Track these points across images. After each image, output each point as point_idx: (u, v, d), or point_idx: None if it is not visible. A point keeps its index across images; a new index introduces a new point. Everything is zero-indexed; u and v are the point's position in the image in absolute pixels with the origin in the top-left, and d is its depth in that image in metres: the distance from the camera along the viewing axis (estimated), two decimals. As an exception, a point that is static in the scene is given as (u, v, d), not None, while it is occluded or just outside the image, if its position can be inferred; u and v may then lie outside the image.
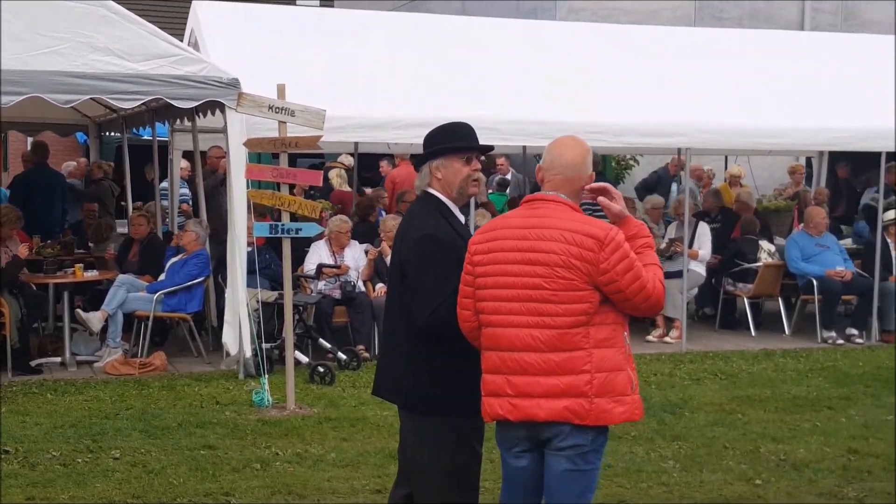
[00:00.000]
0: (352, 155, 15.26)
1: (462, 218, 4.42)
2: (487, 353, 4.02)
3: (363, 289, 10.73)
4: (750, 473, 6.84)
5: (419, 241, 4.22)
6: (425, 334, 4.19)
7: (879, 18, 18.46)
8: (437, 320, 4.13)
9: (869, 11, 18.64)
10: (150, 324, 9.95)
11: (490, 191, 14.92)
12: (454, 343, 4.15)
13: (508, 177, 16.43)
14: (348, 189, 14.84)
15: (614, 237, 3.88)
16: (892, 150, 11.73)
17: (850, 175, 16.38)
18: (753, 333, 11.93)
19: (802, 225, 12.48)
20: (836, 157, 15.93)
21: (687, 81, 12.02)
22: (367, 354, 10.09)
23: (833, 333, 11.63)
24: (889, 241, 12.09)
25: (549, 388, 3.86)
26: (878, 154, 11.88)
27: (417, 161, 4.47)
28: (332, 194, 14.32)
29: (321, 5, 16.12)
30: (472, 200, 8.94)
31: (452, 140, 4.38)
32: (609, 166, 16.68)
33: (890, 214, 12.21)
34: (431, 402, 4.24)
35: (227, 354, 9.61)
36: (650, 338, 11.52)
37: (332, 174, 14.75)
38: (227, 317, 9.50)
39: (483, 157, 4.60)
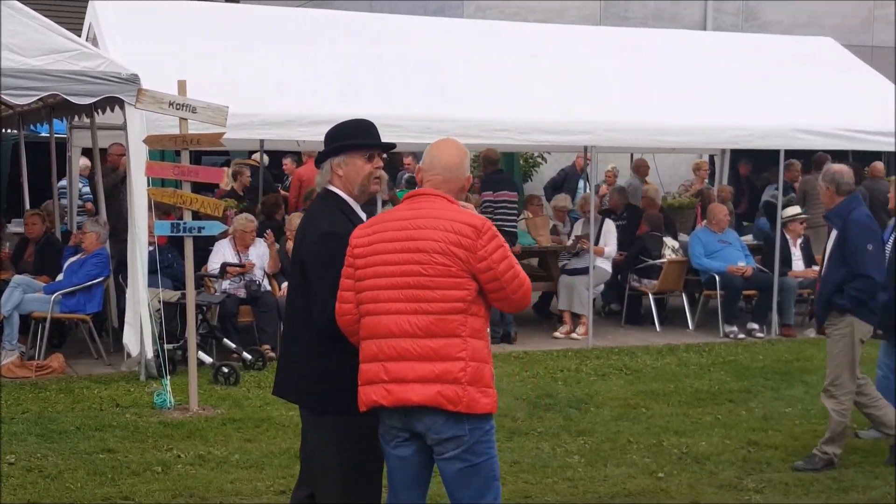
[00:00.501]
0: (253, 153, 15.06)
1: (364, 216, 4.37)
2: (366, 342, 4.04)
3: (269, 287, 10.61)
4: (653, 467, 6.92)
5: (319, 239, 4.20)
6: (325, 333, 4.16)
7: (780, 19, 18.87)
8: (336, 319, 4.10)
9: (769, 12, 19.04)
10: (47, 325, 9.69)
11: (399, 189, 14.88)
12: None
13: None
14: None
15: (490, 227, 4.00)
16: (791, 147, 11.99)
17: (751, 172, 16.72)
18: (658, 329, 12.10)
19: (705, 221, 12.68)
20: (737, 155, 16.24)
21: (593, 80, 12.14)
22: (272, 354, 9.95)
23: (734, 328, 11.85)
24: (788, 237, 12.36)
25: (424, 374, 3.90)
26: (778, 152, 12.13)
27: (318, 158, 4.42)
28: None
29: (227, 1, 15.87)
30: (378, 198, 8.89)
31: (354, 137, 4.35)
32: (516, 164, 16.76)
33: (789, 211, 12.48)
34: (330, 400, 4.20)
35: (129, 356, 9.39)
36: (557, 334, 11.60)
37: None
38: (127, 317, 9.31)
39: (385, 155, 4.57)
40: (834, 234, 7.03)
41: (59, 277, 10.05)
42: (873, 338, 7.18)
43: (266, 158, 15.17)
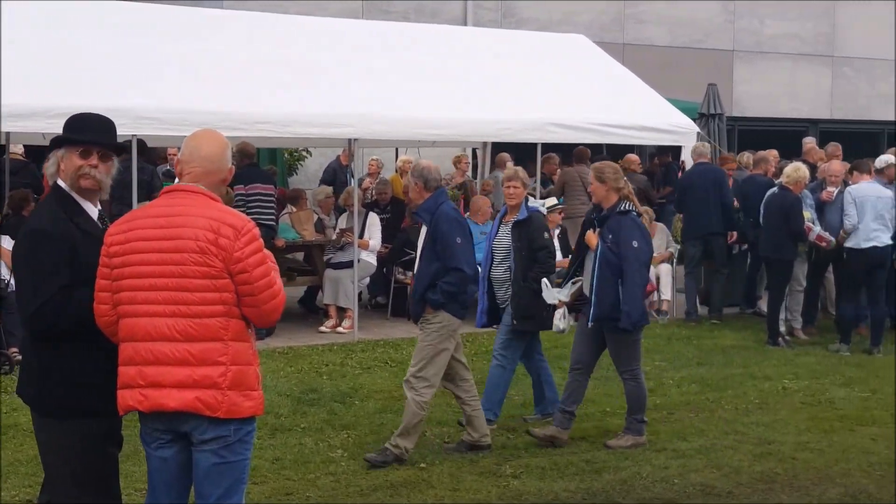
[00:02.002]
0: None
1: (95, 211, 4.16)
2: (123, 344, 3.89)
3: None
4: (416, 457, 6.95)
5: (23, 237, 4.06)
6: (34, 334, 3.96)
7: (536, 16, 19.43)
8: (41, 319, 3.90)
9: (526, 10, 19.58)
10: None
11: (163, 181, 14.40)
12: (77, 342, 3.93)
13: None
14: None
15: (251, 229, 3.89)
16: (547, 141, 12.35)
17: (514, 164, 17.14)
18: (422, 320, 12.19)
19: (468, 214, 12.88)
20: (499, 149, 16.62)
21: (355, 73, 12.11)
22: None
23: (498, 317, 12.07)
24: (548, 226, 12.69)
25: (182, 379, 3.78)
26: (535, 145, 12.48)
27: (47, 151, 4.20)
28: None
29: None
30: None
31: (74, 132, 4.15)
32: (280, 158, 16.56)
33: (547, 202, 12.82)
34: (54, 404, 4.01)
35: None
36: (323, 328, 11.53)
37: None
38: None
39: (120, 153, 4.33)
40: (424, 229, 7.03)
41: None
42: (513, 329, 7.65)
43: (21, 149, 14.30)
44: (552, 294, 7.48)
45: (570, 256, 12.50)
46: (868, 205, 10.69)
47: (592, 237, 7.29)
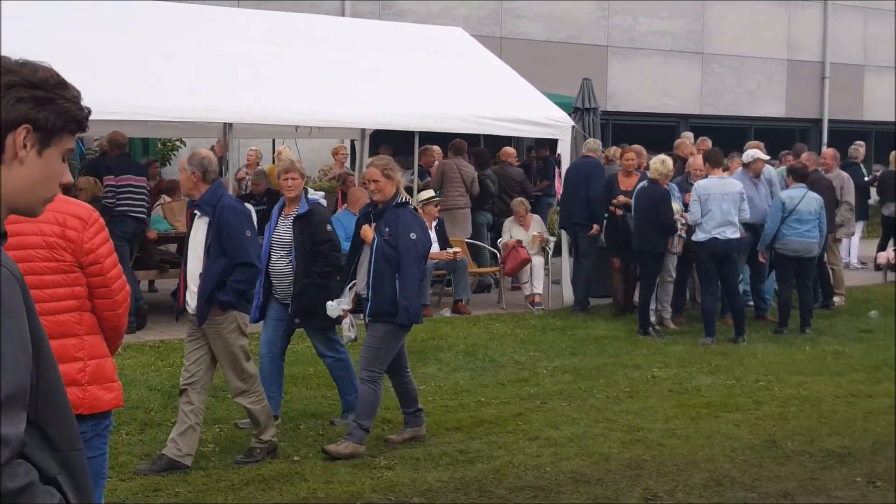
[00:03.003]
0: None
1: None
2: None
3: None
4: (289, 450, 6.91)
5: None
6: None
7: (415, 9, 19.46)
8: None
9: (404, 3, 19.59)
10: None
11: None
12: None
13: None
14: None
15: (97, 219, 3.81)
16: (424, 130, 12.39)
17: (392, 155, 17.11)
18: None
19: (346, 205, 12.83)
20: (378, 140, 16.59)
21: (230, 63, 11.93)
22: None
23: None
24: (424, 219, 12.73)
25: None
26: (413, 137, 12.52)
27: None
28: None
29: None
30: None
31: None
32: (153, 148, 16.24)
33: (423, 194, 12.90)
34: None
35: None
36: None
37: None
38: None
39: None
40: (202, 223, 6.46)
41: None
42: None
43: None
44: (334, 308, 7.07)
45: (448, 249, 12.71)
46: (713, 199, 10.93)
47: (368, 231, 6.97)
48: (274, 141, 17.10)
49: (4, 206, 2.08)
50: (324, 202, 8.14)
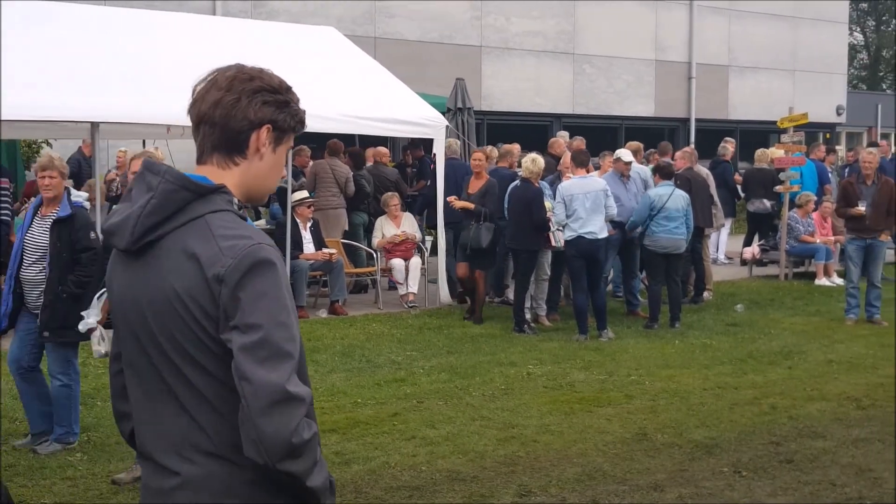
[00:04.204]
0: None
1: None
2: None
3: None
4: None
5: None
6: None
7: (288, 8, 19.29)
8: None
9: (277, 1, 19.41)
10: None
11: None
12: None
13: None
14: None
15: None
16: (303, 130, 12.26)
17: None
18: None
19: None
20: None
21: (96, 61, 11.62)
22: None
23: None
24: (298, 220, 12.66)
25: None
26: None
27: None
28: None
29: None
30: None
31: None
32: (18, 150, 15.72)
33: (297, 195, 12.80)
34: None
35: None
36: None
37: None
38: None
39: None
40: None
41: None
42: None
43: None
44: (85, 322, 6.51)
45: (324, 249, 12.64)
46: (577, 199, 11.07)
47: None
48: (144, 142, 16.72)
49: (242, 195, 2.44)
50: (87, 205, 7.70)
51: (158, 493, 2.36)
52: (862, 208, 11.96)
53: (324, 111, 12.34)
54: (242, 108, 2.39)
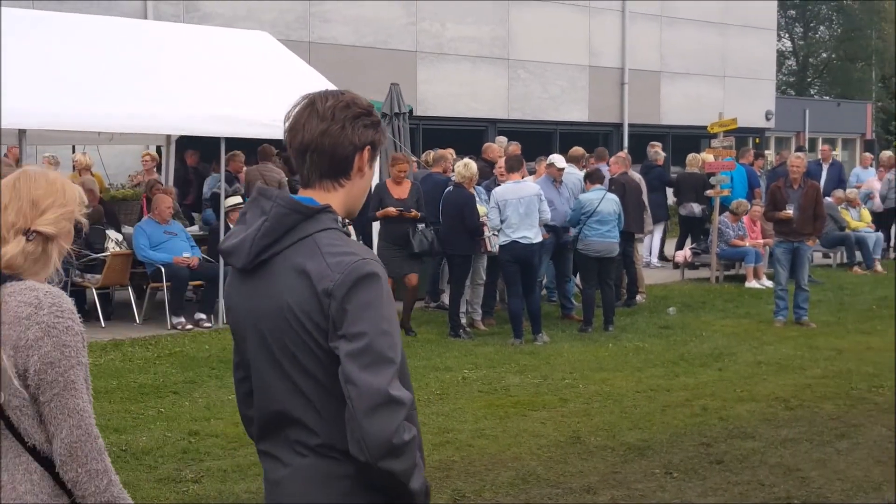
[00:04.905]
0: None
1: None
2: None
3: None
4: (90, 468, 6.66)
5: None
6: None
7: (221, 11, 19.14)
8: None
9: (209, 5, 19.26)
10: None
11: None
12: None
13: None
14: None
15: None
16: (229, 136, 12.18)
17: (198, 162, 16.81)
18: (104, 324, 11.73)
19: (150, 214, 12.51)
20: (185, 145, 16.26)
21: (24, 65, 11.42)
22: None
23: (182, 319, 11.83)
24: (231, 226, 12.55)
25: None
26: (219, 142, 12.28)
27: None
28: None
29: None
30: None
31: None
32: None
33: (230, 200, 12.69)
34: None
35: None
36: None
37: None
38: None
39: None
40: None
41: None
42: None
43: None
44: None
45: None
46: (511, 205, 11.10)
47: None
48: (74, 147, 16.50)
49: (345, 212, 2.68)
50: None
51: (274, 484, 2.68)
52: (790, 211, 12.18)
53: (257, 117, 12.25)
54: (348, 135, 2.60)
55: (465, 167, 11.47)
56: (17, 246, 2.67)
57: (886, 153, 20.88)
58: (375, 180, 13.19)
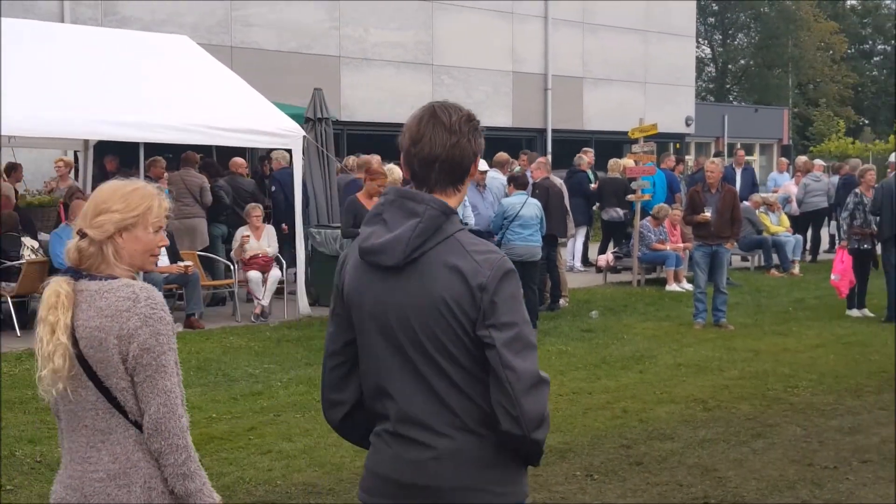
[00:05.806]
0: None
1: None
2: None
3: None
4: (3, 479, 6.53)
5: None
6: None
7: (140, 15, 18.90)
8: None
9: (128, 8, 19.00)
10: None
11: None
12: None
13: None
14: None
15: None
16: (148, 140, 12.04)
17: (118, 168, 16.55)
18: (19, 334, 11.48)
19: (68, 220, 12.30)
20: (103, 151, 15.99)
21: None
22: None
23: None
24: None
25: None
26: (138, 148, 12.13)
27: None
28: None
29: None
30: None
31: None
32: None
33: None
34: None
35: None
36: None
37: None
38: None
39: None
40: None
41: None
42: None
43: None
44: None
45: (175, 262, 12.40)
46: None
47: None
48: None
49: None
50: None
51: (415, 464, 2.87)
52: (707, 214, 12.38)
53: (178, 122, 12.13)
54: (471, 146, 2.94)
55: (391, 172, 11.48)
56: (72, 243, 3.04)
57: (802, 158, 21.36)
58: (299, 176, 13.17)
